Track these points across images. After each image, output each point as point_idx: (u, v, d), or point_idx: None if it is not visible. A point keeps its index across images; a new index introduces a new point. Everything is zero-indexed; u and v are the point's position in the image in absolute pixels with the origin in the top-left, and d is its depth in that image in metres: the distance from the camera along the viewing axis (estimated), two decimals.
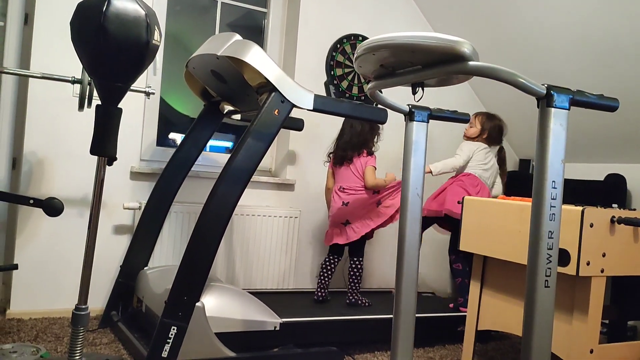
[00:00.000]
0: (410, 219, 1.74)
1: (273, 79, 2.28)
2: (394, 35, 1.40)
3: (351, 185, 3.05)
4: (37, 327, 2.64)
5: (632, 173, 3.33)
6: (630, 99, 3.04)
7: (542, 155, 1.29)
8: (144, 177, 3.07)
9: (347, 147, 3.05)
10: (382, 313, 2.87)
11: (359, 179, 3.05)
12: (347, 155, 3.05)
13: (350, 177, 3.06)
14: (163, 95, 3.30)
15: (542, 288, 1.28)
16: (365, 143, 3.07)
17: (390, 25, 3.76)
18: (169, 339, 2.10)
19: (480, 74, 1.31)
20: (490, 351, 2.92)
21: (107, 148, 1.89)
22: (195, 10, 3.57)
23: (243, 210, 3.23)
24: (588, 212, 2.00)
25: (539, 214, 1.29)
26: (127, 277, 2.79)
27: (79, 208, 2.90)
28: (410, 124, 1.79)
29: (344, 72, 3.65)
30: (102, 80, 1.83)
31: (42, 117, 2.81)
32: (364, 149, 3.07)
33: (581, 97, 1.33)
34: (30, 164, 2.80)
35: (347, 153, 3.05)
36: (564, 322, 2.13)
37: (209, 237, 2.19)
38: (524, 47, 3.47)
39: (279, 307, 2.75)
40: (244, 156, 2.23)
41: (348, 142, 3.06)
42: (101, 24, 1.68)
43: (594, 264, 2.01)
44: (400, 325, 1.73)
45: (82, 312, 1.93)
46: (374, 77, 1.67)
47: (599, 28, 2.98)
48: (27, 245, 2.81)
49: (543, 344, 1.28)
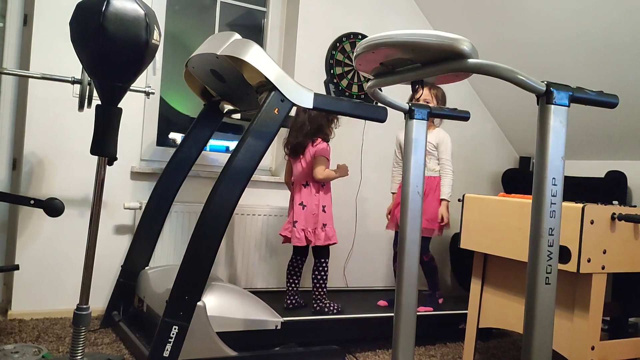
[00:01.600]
0: (411, 217, 1.74)
1: (273, 78, 2.28)
2: (393, 33, 1.40)
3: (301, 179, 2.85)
4: (39, 328, 2.64)
5: (633, 170, 3.32)
6: (631, 95, 3.04)
7: (542, 153, 1.28)
8: (144, 177, 3.07)
9: (300, 134, 2.83)
10: (383, 312, 2.87)
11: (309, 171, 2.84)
12: (301, 143, 2.83)
13: (304, 172, 2.86)
14: (163, 94, 3.30)
15: (542, 285, 1.27)
16: (320, 129, 2.84)
17: (389, 23, 3.76)
18: (170, 338, 2.11)
19: (479, 71, 1.31)
20: (491, 349, 2.92)
21: (107, 148, 1.89)
22: (194, 9, 3.57)
23: (244, 210, 3.23)
24: (588, 209, 2.00)
25: (539, 211, 1.28)
26: (128, 276, 2.79)
27: (79, 208, 2.91)
28: (410, 122, 1.78)
29: (343, 71, 3.64)
30: (101, 80, 1.83)
31: (43, 118, 2.81)
32: (319, 136, 2.85)
33: (581, 94, 1.32)
34: (30, 165, 2.81)
35: (299, 140, 2.83)
36: (565, 319, 2.13)
37: (210, 236, 2.19)
38: (524, 44, 3.47)
39: (280, 306, 2.76)
40: (244, 155, 2.23)
41: (301, 128, 2.82)
42: (100, 24, 1.68)
43: (594, 261, 2.01)
44: (401, 323, 1.73)
45: (84, 312, 1.93)
46: (374, 76, 1.67)
47: (599, 25, 2.98)
48: (28, 246, 2.81)
49: (544, 341, 1.28)
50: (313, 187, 2.85)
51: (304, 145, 2.84)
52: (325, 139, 2.88)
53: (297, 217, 2.82)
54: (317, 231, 2.81)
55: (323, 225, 2.82)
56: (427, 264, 3.14)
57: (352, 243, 3.56)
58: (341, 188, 3.33)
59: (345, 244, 3.58)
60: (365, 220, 3.65)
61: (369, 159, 3.60)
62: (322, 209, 2.84)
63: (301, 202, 2.83)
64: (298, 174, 2.88)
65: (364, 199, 3.61)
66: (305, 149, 2.84)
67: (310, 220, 2.81)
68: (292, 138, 2.87)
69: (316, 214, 2.82)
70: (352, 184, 3.52)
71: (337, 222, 3.29)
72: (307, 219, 2.81)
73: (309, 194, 2.84)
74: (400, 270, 1.75)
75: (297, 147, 2.85)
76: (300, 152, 2.85)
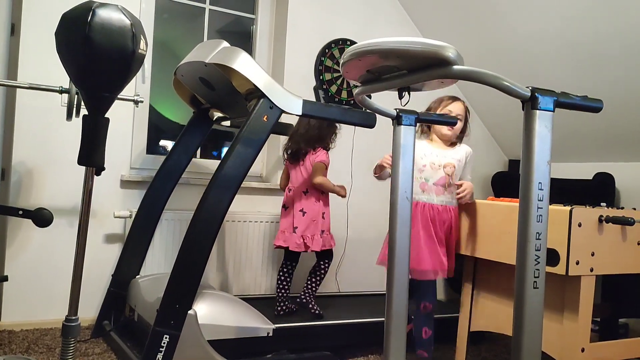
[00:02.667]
0: (400, 222, 1.75)
1: (261, 85, 2.29)
2: (379, 40, 1.41)
3: (307, 188, 2.89)
4: (29, 339, 2.62)
5: (620, 171, 3.35)
6: (617, 100, 3.07)
7: (528, 158, 1.29)
8: (134, 186, 3.06)
9: (301, 141, 2.88)
10: (374, 316, 2.87)
11: (309, 179, 2.87)
12: (302, 150, 2.88)
13: (300, 178, 2.90)
14: (152, 102, 3.29)
15: (531, 289, 1.28)
16: (322, 138, 2.90)
17: (378, 30, 3.77)
18: (161, 347, 2.10)
19: (465, 77, 1.32)
20: (483, 352, 2.93)
21: (95, 158, 1.88)
22: (183, 17, 3.57)
23: (234, 217, 3.23)
24: (576, 211, 2.01)
25: (526, 215, 1.29)
26: (118, 286, 2.78)
27: (69, 218, 2.89)
28: (398, 127, 1.80)
29: (332, 77, 3.66)
30: (88, 90, 1.83)
31: (31, 127, 2.80)
32: (320, 145, 2.90)
33: (565, 99, 1.34)
34: (19, 174, 2.79)
35: (301, 147, 2.88)
36: (555, 321, 2.14)
37: (200, 244, 2.19)
38: (511, 51, 3.49)
39: (272, 312, 2.75)
40: (233, 163, 2.23)
41: (303, 134, 2.87)
42: (86, 35, 1.67)
43: (583, 263, 2.03)
44: (392, 328, 1.74)
45: (73, 323, 1.92)
46: (361, 83, 1.68)
47: (584, 32, 3.01)
48: (17, 257, 2.79)
49: (533, 344, 1.29)
50: (313, 195, 2.89)
51: (305, 152, 2.88)
52: (326, 148, 2.94)
53: (298, 223, 2.85)
54: (316, 237, 2.85)
55: (322, 232, 2.87)
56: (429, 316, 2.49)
57: (343, 248, 3.56)
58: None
59: (337, 249, 3.57)
60: (357, 225, 3.65)
61: (360, 164, 3.60)
62: (322, 216, 2.88)
63: (301, 209, 2.86)
64: (297, 181, 2.92)
65: (355, 204, 3.61)
66: (306, 156, 2.89)
67: (310, 226, 2.85)
68: (293, 144, 2.92)
69: (316, 221, 2.86)
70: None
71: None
72: (308, 225, 2.85)
73: (310, 201, 2.87)
74: (390, 275, 1.75)
75: (297, 153, 2.90)
76: (301, 158, 2.90)
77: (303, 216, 2.85)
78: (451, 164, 2.48)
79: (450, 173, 2.46)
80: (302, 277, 3.03)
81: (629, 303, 2.87)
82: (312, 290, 2.91)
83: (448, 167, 2.47)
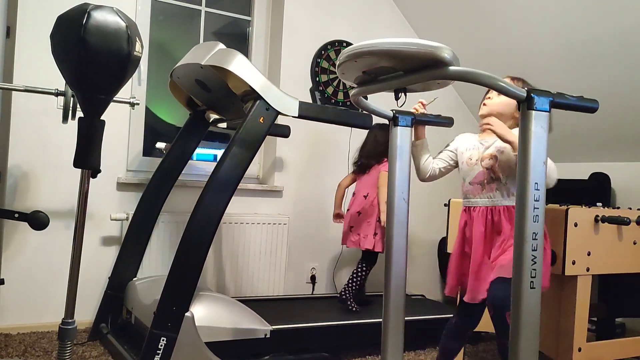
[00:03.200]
0: (397, 223, 1.75)
1: (257, 87, 2.29)
2: (374, 42, 1.41)
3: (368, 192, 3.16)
4: (26, 342, 2.61)
5: (616, 171, 3.37)
6: (613, 100, 3.08)
7: (524, 158, 1.30)
8: (131, 188, 3.06)
9: (370, 156, 3.20)
10: (372, 317, 2.87)
11: (375, 187, 3.15)
12: (370, 164, 3.19)
13: (367, 185, 3.18)
14: (149, 104, 3.29)
15: (527, 290, 1.29)
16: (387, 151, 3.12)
17: (374, 31, 3.78)
18: (158, 350, 2.09)
19: (460, 78, 1.32)
20: (480, 352, 2.93)
21: (91, 160, 1.88)
22: (179, 19, 3.56)
23: (231, 218, 3.22)
24: (572, 211, 2.02)
25: (522, 216, 1.30)
26: (115, 288, 2.77)
27: (65, 220, 2.88)
28: (395, 129, 1.80)
29: (329, 78, 3.66)
30: (83, 92, 1.82)
31: (27, 130, 2.79)
32: (385, 158, 3.10)
33: (561, 100, 1.34)
34: (15, 177, 2.78)
35: (369, 161, 3.20)
36: (551, 321, 2.14)
37: (197, 246, 2.18)
38: (507, 51, 3.50)
39: (269, 314, 2.75)
40: (230, 164, 2.23)
41: (372, 151, 3.19)
42: (81, 37, 1.67)
43: (579, 263, 2.03)
44: (389, 329, 1.74)
45: (69, 326, 1.91)
46: (357, 84, 1.68)
47: (580, 33, 3.02)
48: (13, 260, 2.78)
49: (530, 344, 1.29)
50: (370, 198, 3.13)
51: (371, 165, 3.19)
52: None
53: (354, 223, 3.16)
54: (369, 237, 3.09)
55: (374, 234, 3.08)
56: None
57: (340, 249, 3.55)
58: (329, 195, 3.34)
59: (335, 251, 3.58)
60: None
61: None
62: (377, 219, 3.09)
63: (359, 211, 3.14)
64: (363, 186, 3.21)
65: None
66: (372, 167, 3.19)
67: (364, 227, 3.12)
68: (363, 159, 3.23)
69: (371, 222, 3.11)
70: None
71: (327, 229, 3.28)
72: (363, 226, 3.12)
73: (369, 204, 3.12)
74: (388, 275, 1.75)
75: (365, 166, 3.21)
76: (367, 169, 3.21)
77: (358, 216, 3.14)
78: (489, 154, 1.97)
79: (490, 166, 1.96)
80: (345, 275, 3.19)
81: (626, 302, 2.88)
82: (352, 288, 3.09)
83: (486, 160, 1.98)
